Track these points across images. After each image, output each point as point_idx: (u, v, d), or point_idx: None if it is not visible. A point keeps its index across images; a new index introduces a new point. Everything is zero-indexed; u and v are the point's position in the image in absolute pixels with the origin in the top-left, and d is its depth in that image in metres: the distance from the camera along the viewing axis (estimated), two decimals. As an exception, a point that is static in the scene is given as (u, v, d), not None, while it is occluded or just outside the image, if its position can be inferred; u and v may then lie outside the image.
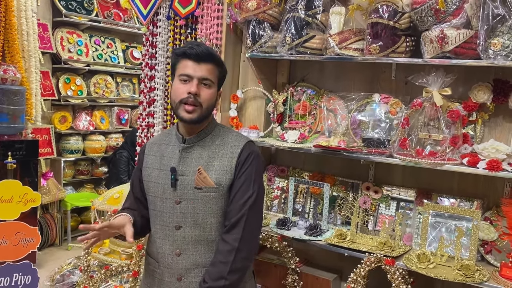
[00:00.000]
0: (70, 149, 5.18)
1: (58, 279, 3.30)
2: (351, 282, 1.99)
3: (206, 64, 1.57)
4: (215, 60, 1.60)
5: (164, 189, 1.63)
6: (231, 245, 1.55)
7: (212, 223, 1.61)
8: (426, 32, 1.92)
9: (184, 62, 1.58)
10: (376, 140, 2.18)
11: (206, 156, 1.62)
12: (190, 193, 1.60)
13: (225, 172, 1.60)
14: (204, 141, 1.65)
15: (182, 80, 1.57)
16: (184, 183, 1.60)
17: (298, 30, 2.21)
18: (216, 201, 1.60)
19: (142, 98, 2.79)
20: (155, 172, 1.66)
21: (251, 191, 1.59)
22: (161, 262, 1.64)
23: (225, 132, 1.69)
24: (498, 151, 1.91)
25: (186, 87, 1.56)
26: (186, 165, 1.62)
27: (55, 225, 4.77)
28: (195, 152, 1.63)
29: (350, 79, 2.46)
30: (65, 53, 5.07)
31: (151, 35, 2.72)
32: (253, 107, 2.63)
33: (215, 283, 1.52)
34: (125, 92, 5.84)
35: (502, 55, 1.75)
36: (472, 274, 1.85)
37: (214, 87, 1.61)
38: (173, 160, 1.63)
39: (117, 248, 3.01)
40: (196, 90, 1.55)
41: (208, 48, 1.60)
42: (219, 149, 1.63)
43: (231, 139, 1.66)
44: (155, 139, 1.78)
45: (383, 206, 2.31)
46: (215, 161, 1.61)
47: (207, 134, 1.66)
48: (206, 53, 1.57)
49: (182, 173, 1.61)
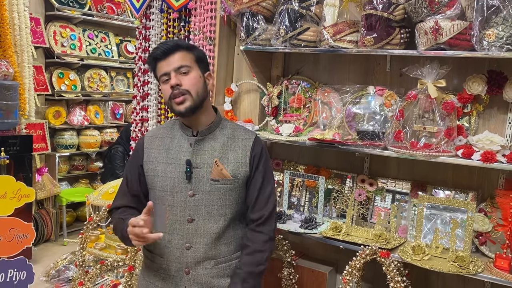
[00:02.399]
0: (64, 144, 5.16)
1: (54, 274, 3.30)
2: (347, 275, 1.99)
3: (175, 54, 1.60)
4: (182, 47, 1.62)
5: (174, 182, 1.62)
6: (267, 235, 1.67)
7: (226, 214, 1.63)
8: (421, 24, 1.91)
9: (158, 65, 1.62)
10: (371, 132, 2.17)
11: (219, 149, 1.64)
12: (206, 185, 1.61)
13: (240, 165, 1.64)
14: (214, 133, 1.67)
15: (164, 81, 1.61)
16: (199, 175, 1.61)
17: (292, 22, 2.20)
18: (231, 193, 1.63)
19: (136, 92, 2.77)
20: (161, 166, 1.65)
21: (272, 183, 1.72)
22: (167, 257, 1.63)
23: (232, 125, 1.74)
24: (493, 142, 1.91)
25: (169, 84, 1.60)
26: (200, 157, 1.62)
27: (51, 221, 4.75)
28: (207, 145, 1.64)
29: (344, 71, 2.45)
30: (58, 47, 5.03)
31: (144, 28, 2.69)
32: (247, 101, 2.62)
33: (256, 268, 1.64)
34: (119, 86, 5.80)
35: (497, 46, 1.74)
36: (466, 265, 1.86)
37: (194, 71, 1.61)
38: (183, 153, 1.63)
39: (113, 243, 3.00)
40: (176, 81, 1.58)
41: (174, 40, 1.68)
42: (231, 142, 1.66)
43: (240, 132, 1.71)
44: (154, 133, 1.75)
45: (379, 198, 2.31)
46: (229, 154, 1.64)
47: (216, 126, 1.68)
48: (172, 45, 1.60)
49: (196, 165, 1.62)
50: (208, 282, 1.61)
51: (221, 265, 1.63)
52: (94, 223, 2.57)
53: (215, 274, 1.62)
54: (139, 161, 1.70)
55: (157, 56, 1.61)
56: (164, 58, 1.59)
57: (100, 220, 2.60)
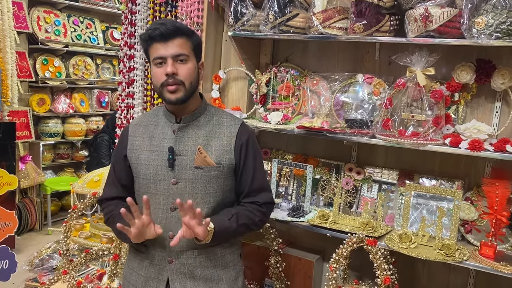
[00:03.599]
0: (49, 132, 5.06)
1: (37, 263, 3.24)
2: (333, 263, 1.99)
3: (175, 40, 1.51)
4: (184, 33, 1.54)
5: (157, 170, 1.58)
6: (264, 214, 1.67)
7: (211, 202, 1.59)
8: (411, 11, 1.90)
9: (153, 45, 1.53)
10: (359, 121, 2.17)
11: (203, 136, 1.60)
12: (189, 173, 1.57)
13: (225, 152, 1.59)
14: (199, 120, 1.62)
15: (157, 64, 1.53)
16: (182, 163, 1.57)
17: (281, 8, 2.16)
18: (216, 181, 1.59)
19: (121, 79, 2.72)
20: (145, 153, 1.61)
21: (263, 168, 1.70)
22: (151, 245, 1.60)
23: (217, 112, 1.68)
24: (480, 131, 1.92)
25: (163, 69, 1.52)
26: (183, 144, 1.58)
27: (35, 210, 4.68)
28: (191, 132, 1.60)
29: (334, 59, 2.42)
30: (42, 33, 4.92)
31: (130, 13, 2.63)
32: (235, 88, 2.59)
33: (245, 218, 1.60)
34: (105, 74, 5.71)
35: (486, 34, 1.74)
36: (452, 253, 1.87)
37: (191, 61, 1.55)
38: (167, 141, 1.59)
39: (98, 232, 2.95)
40: (172, 70, 1.50)
41: (174, 22, 1.54)
42: (216, 129, 1.62)
43: (226, 118, 1.66)
44: (138, 121, 1.71)
45: (365, 188, 2.31)
46: (214, 141, 1.60)
47: (201, 113, 1.63)
48: (172, 29, 1.51)
49: (180, 153, 1.58)
50: (191, 272, 1.59)
51: (205, 255, 1.60)
52: (78, 211, 2.53)
53: (199, 264, 1.59)
54: (123, 150, 1.67)
55: (155, 37, 1.51)
56: (162, 40, 1.51)
57: (85, 208, 2.55)
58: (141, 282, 1.62)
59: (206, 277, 1.60)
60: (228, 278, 1.63)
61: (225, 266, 1.64)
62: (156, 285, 1.60)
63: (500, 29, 1.72)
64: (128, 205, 1.46)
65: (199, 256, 1.59)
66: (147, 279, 1.61)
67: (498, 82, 1.94)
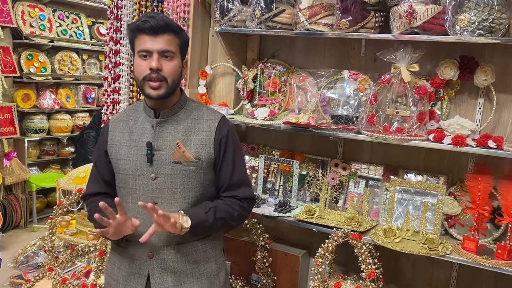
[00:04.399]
0: (34, 128, 5.00)
1: (22, 260, 3.22)
2: (319, 257, 2.01)
3: (164, 36, 1.50)
4: (173, 30, 1.53)
5: (136, 165, 1.58)
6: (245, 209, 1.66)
7: (190, 197, 1.59)
8: (395, 7, 1.91)
9: (140, 37, 1.51)
10: (345, 116, 2.18)
11: (182, 130, 1.59)
12: (168, 168, 1.56)
13: (204, 146, 1.59)
14: (178, 115, 1.62)
15: (142, 56, 1.52)
16: (160, 158, 1.57)
17: (267, 4, 2.17)
18: (195, 175, 1.58)
19: (107, 74, 2.69)
20: (124, 149, 1.61)
21: (243, 163, 1.71)
22: (132, 240, 1.60)
23: (198, 107, 1.68)
24: (463, 127, 1.95)
25: (147, 62, 1.50)
26: (162, 139, 1.58)
27: (20, 207, 4.63)
28: (170, 127, 1.60)
29: (320, 55, 2.43)
30: (27, 27, 4.85)
31: (116, 7, 2.60)
32: (222, 84, 2.58)
33: (223, 212, 1.59)
34: (91, 69, 5.65)
35: (469, 31, 1.76)
36: (436, 247, 1.90)
37: (176, 58, 1.55)
38: (146, 136, 1.59)
39: (84, 228, 2.94)
40: (157, 65, 1.49)
41: (164, 18, 1.53)
42: (195, 123, 1.61)
43: (206, 113, 1.65)
44: (119, 116, 1.71)
45: (352, 184, 2.33)
46: (193, 135, 1.59)
47: (181, 108, 1.63)
48: (162, 24, 1.49)
49: (158, 148, 1.57)
50: (172, 267, 1.58)
51: (186, 250, 1.59)
52: (63, 207, 2.51)
53: (179, 259, 1.59)
54: (104, 146, 1.66)
55: (144, 30, 1.49)
56: (151, 34, 1.49)
57: (70, 205, 2.53)
58: (122, 277, 1.62)
59: (187, 272, 1.60)
60: (209, 273, 1.63)
61: (206, 261, 1.64)
62: (137, 280, 1.60)
63: (483, 26, 1.74)
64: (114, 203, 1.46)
65: (179, 251, 1.59)
66: (128, 274, 1.61)
67: (480, 78, 1.96)
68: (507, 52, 1.99)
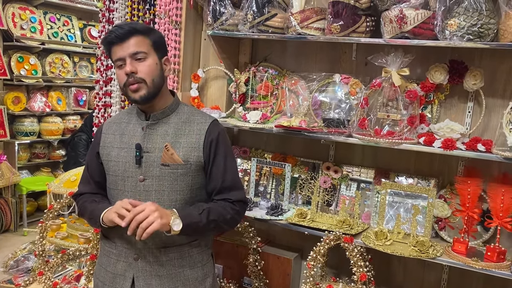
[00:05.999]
0: (24, 131, 4.96)
1: (12, 265, 3.18)
2: (311, 260, 2.02)
3: (131, 39, 1.54)
4: (138, 31, 1.56)
5: (125, 167, 1.59)
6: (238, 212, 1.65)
7: (178, 200, 1.59)
8: (386, 12, 1.93)
9: (112, 49, 1.57)
10: (336, 120, 2.19)
11: (172, 133, 1.60)
12: (156, 170, 1.57)
13: (193, 149, 1.59)
14: (169, 118, 1.63)
15: (119, 66, 1.57)
16: (149, 160, 1.58)
17: (259, 8, 2.18)
18: (183, 178, 1.58)
19: (99, 77, 2.69)
20: (115, 150, 1.63)
21: (235, 166, 1.68)
22: (119, 243, 1.61)
23: (189, 110, 1.69)
24: (453, 130, 1.97)
25: (124, 70, 1.55)
26: (151, 142, 1.59)
27: (10, 210, 4.58)
28: (160, 129, 1.61)
29: (311, 59, 2.45)
30: (17, 30, 4.81)
31: (108, 10, 2.61)
32: (214, 87, 2.59)
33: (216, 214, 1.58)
34: (83, 72, 5.62)
35: (458, 36, 1.78)
36: (426, 249, 1.91)
37: (150, 57, 1.56)
38: (136, 138, 1.60)
39: (75, 232, 2.92)
40: (131, 69, 1.53)
41: (129, 23, 1.59)
42: (185, 126, 1.62)
43: (197, 116, 1.66)
44: (113, 118, 1.73)
45: (344, 187, 2.34)
46: (182, 138, 1.60)
47: (172, 111, 1.64)
48: (127, 30, 1.54)
49: (147, 150, 1.58)
50: (157, 270, 1.58)
51: (172, 254, 1.59)
52: (54, 211, 2.49)
53: (165, 262, 1.58)
54: (97, 147, 1.69)
55: (112, 40, 1.55)
56: (119, 42, 1.54)
57: (61, 208, 2.52)
58: (108, 278, 1.62)
59: (172, 276, 1.59)
60: (195, 278, 1.63)
61: (193, 266, 1.63)
62: (122, 282, 1.59)
63: (472, 31, 1.77)
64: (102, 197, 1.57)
65: (165, 255, 1.59)
66: (115, 276, 1.61)
67: (470, 82, 1.99)
68: (496, 57, 2.02)
